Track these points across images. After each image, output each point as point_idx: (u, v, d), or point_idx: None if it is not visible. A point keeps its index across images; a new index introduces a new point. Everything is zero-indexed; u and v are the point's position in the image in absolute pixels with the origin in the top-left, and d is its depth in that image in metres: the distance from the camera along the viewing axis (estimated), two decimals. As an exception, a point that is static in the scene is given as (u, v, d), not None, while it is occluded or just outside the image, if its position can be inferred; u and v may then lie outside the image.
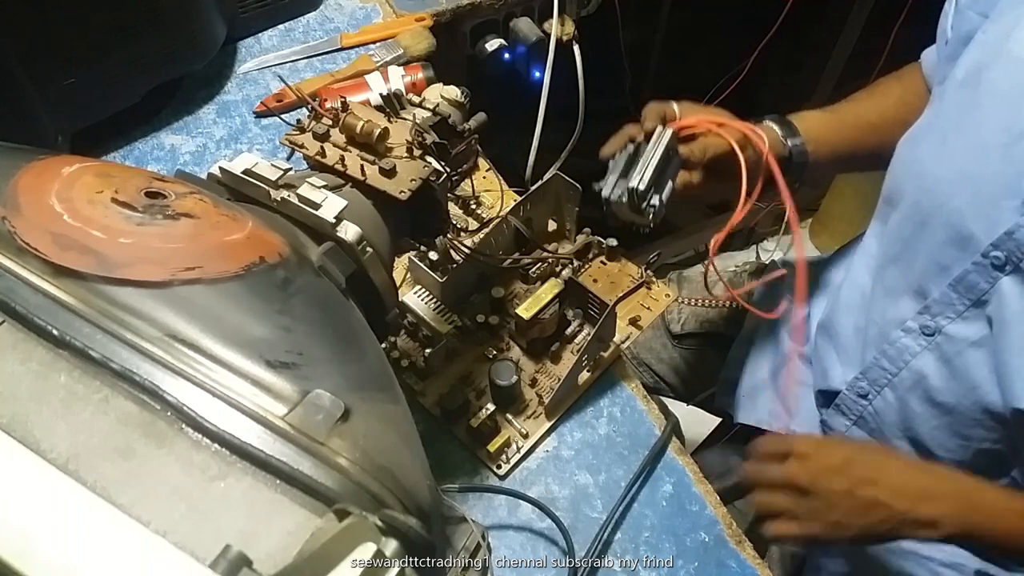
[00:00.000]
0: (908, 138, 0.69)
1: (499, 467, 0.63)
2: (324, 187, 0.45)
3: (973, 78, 0.61)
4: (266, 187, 0.45)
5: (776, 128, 0.72)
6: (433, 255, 0.69)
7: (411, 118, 0.55)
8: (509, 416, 0.65)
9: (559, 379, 0.66)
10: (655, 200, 0.60)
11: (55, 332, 0.27)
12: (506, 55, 1.01)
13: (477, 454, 0.63)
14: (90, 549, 0.23)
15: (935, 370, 0.65)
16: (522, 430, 0.64)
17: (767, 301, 0.95)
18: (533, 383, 0.67)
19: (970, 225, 0.59)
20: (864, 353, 0.72)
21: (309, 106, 0.54)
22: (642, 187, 0.59)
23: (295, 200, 0.44)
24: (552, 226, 0.76)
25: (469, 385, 0.66)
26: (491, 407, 0.62)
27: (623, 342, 0.68)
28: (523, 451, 0.64)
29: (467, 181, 0.79)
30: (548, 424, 0.65)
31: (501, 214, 0.72)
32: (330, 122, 0.52)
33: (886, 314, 0.70)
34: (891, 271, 0.69)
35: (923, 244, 0.64)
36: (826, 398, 0.77)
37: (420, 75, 0.83)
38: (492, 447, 0.62)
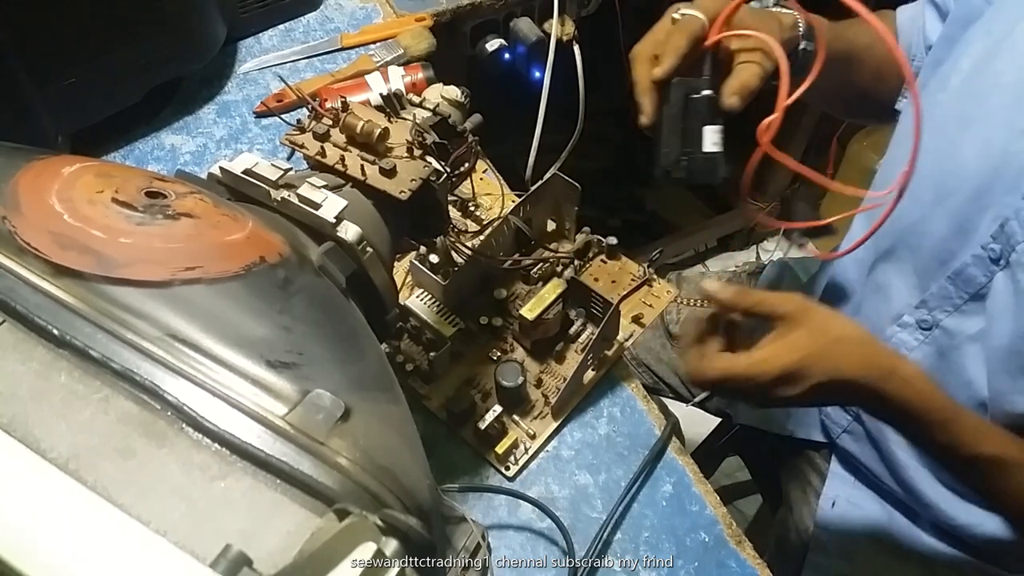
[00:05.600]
0: (906, 131, 0.68)
1: (508, 468, 0.63)
2: (324, 187, 0.45)
3: (979, 69, 0.61)
4: (266, 187, 0.45)
5: (800, 27, 0.64)
6: (434, 258, 0.69)
7: (411, 118, 0.55)
8: (516, 417, 0.65)
9: (564, 379, 0.66)
10: (713, 148, 0.57)
11: (55, 332, 0.27)
12: (506, 55, 1.01)
13: (486, 456, 0.63)
14: (90, 549, 0.23)
15: (931, 365, 0.65)
16: (529, 431, 0.64)
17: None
18: (538, 383, 0.67)
19: (971, 219, 0.59)
20: None
21: (309, 106, 0.54)
22: (708, 150, 0.57)
23: (295, 200, 0.44)
24: (551, 226, 0.76)
25: (475, 387, 0.66)
26: (498, 408, 0.62)
27: (627, 340, 0.68)
28: (531, 452, 0.64)
29: (466, 183, 0.79)
30: (555, 424, 0.65)
31: (502, 215, 0.72)
32: (330, 122, 0.52)
33: (879, 310, 0.70)
34: (883, 267, 0.69)
35: (922, 238, 0.64)
36: None
37: (420, 75, 0.83)
38: (500, 449, 0.62)
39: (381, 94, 0.80)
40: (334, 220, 0.44)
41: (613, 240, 0.74)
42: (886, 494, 0.76)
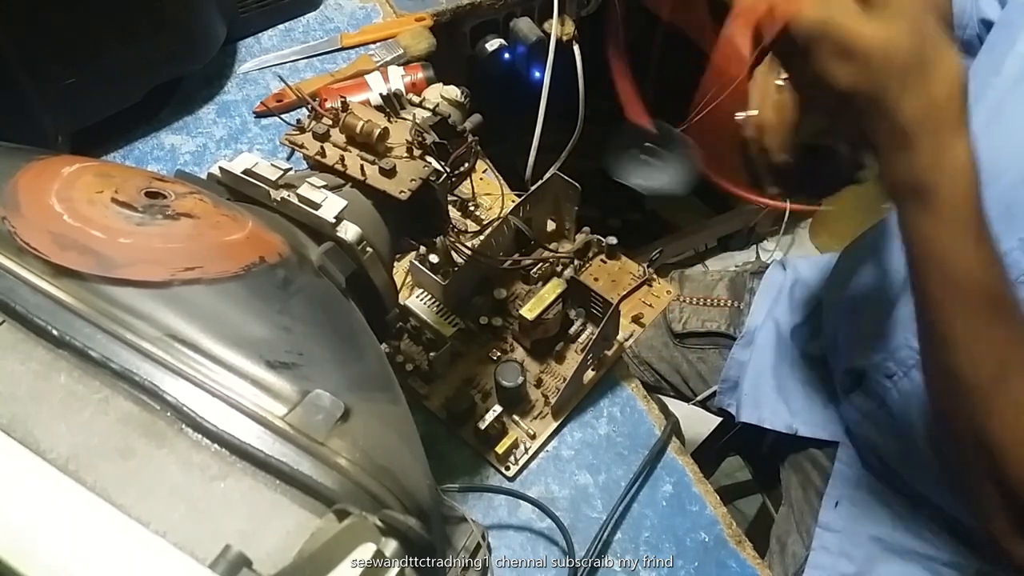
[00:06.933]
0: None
1: (508, 468, 0.63)
2: (324, 187, 0.45)
3: None
4: (266, 187, 0.45)
5: None
6: (434, 258, 0.69)
7: (411, 118, 0.55)
8: (516, 417, 0.65)
9: (564, 379, 0.66)
10: None
11: (55, 332, 0.27)
12: (506, 55, 1.01)
13: (486, 456, 0.63)
14: (90, 549, 0.23)
15: None
16: (529, 431, 0.64)
17: (766, 300, 0.95)
18: (538, 383, 0.67)
19: (1018, 202, 0.58)
20: (895, 334, 0.71)
21: (309, 106, 0.54)
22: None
23: (295, 200, 0.44)
24: (551, 226, 0.76)
25: (474, 387, 0.66)
26: (498, 409, 0.62)
27: (627, 340, 0.68)
28: (531, 452, 0.64)
29: (466, 183, 0.79)
30: (555, 424, 0.65)
31: (502, 215, 0.72)
32: (330, 122, 0.52)
33: None
34: None
35: None
36: (852, 380, 0.76)
37: (420, 75, 0.83)
38: (500, 449, 0.62)
39: (381, 94, 0.80)
40: (334, 220, 0.44)
41: (613, 240, 0.74)
42: (896, 486, 0.75)
